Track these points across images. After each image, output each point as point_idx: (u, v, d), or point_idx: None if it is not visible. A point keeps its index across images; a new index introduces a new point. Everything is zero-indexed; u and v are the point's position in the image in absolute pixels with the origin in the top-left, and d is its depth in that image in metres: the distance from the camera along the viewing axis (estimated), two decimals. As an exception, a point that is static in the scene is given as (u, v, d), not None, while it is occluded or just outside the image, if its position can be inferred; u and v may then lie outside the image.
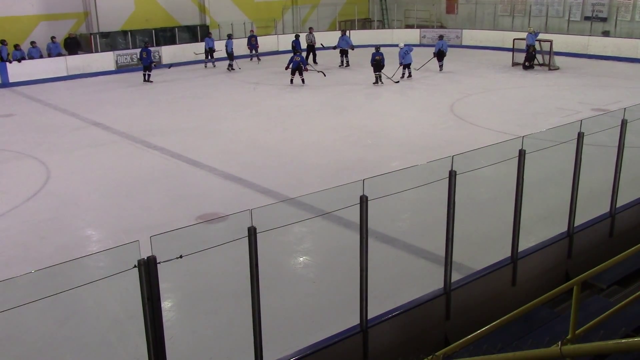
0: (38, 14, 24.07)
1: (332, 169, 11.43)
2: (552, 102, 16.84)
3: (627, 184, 8.10)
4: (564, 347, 3.19)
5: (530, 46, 22.18)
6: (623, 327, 5.19)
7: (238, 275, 5.70)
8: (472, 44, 27.78)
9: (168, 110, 17.20)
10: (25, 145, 13.70)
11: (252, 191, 10.43)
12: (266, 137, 14.02)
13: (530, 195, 6.80)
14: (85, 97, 19.21)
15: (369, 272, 5.35)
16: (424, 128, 14.64)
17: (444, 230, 5.96)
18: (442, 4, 31.73)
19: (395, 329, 5.76)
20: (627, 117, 7.49)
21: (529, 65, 22.31)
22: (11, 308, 3.55)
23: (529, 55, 22.25)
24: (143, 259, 4.04)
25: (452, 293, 6.08)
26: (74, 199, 10.34)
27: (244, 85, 20.66)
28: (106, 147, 13.44)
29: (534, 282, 6.85)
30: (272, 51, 27.42)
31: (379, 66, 19.55)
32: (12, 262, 8.00)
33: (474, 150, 6.69)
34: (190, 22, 27.79)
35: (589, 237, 7.62)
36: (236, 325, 6.24)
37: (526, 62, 22.35)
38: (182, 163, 12.20)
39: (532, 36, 22.10)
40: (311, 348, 5.27)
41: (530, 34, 22.23)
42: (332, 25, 32.12)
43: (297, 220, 6.73)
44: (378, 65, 19.53)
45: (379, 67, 19.57)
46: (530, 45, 22.14)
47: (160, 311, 4.27)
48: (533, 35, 22.11)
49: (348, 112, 16.37)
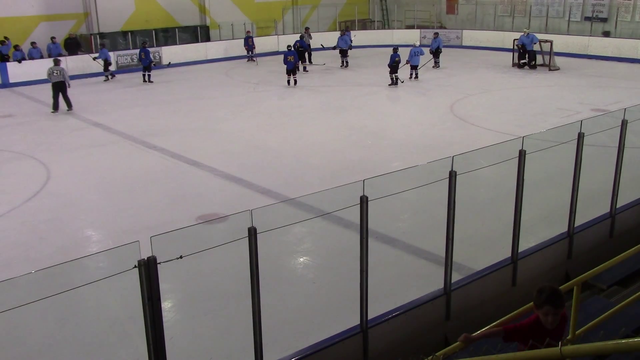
0: (38, 15, 24.10)
1: (332, 169, 11.43)
2: (552, 102, 16.84)
3: (627, 184, 8.10)
4: (564, 347, 3.19)
5: (520, 46, 22.21)
6: (623, 327, 5.18)
7: (238, 275, 5.71)
8: (472, 44, 27.79)
9: (168, 110, 17.21)
10: (25, 145, 13.70)
11: (252, 191, 10.43)
12: (266, 138, 14.02)
13: (530, 196, 6.80)
14: (85, 97, 19.21)
15: (369, 273, 5.34)
16: (424, 128, 14.64)
17: (444, 231, 5.96)
18: (442, 5, 31.74)
19: (395, 329, 5.76)
20: (627, 118, 7.49)
21: (524, 64, 22.27)
22: (11, 308, 3.55)
23: (520, 54, 22.25)
24: (143, 260, 4.04)
25: (452, 293, 6.07)
26: (73, 199, 10.34)
27: (244, 86, 20.66)
28: (106, 147, 13.44)
29: (534, 283, 6.83)
30: (272, 51, 27.42)
31: (397, 68, 19.50)
32: (12, 263, 7.99)
33: (474, 150, 6.69)
34: (190, 23, 27.81)
35: (589, 237, 7.62)
36: (236, 325, 6.24)
37: (520, 61, 22.33)
38: (182, 163, 12.20)
39: (526, 38, 22.08)
40: (311, 348, 5.27)
41: (524, 36, 22.21)
42: (332, 25, 32.13)
43: (297, 221, 6.74)
44: (397, 67, 19.47)
45: (397, 68, 19.51)
46: (520, 45, 22.14)
47: (160, 311, 4.27)
48: (526, 37, 22.09)
49: (348, 113, 16.37)
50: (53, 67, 17.05)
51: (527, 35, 22.26)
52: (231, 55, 26.43)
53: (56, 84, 17.00)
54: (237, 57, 26.33)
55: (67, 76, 17.24)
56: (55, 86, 17.00)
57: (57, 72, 16.97)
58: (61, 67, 17.34)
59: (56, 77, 16.95)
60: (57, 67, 17.08)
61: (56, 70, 16.99)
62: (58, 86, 16.99)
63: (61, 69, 17.16)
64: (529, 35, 22.30)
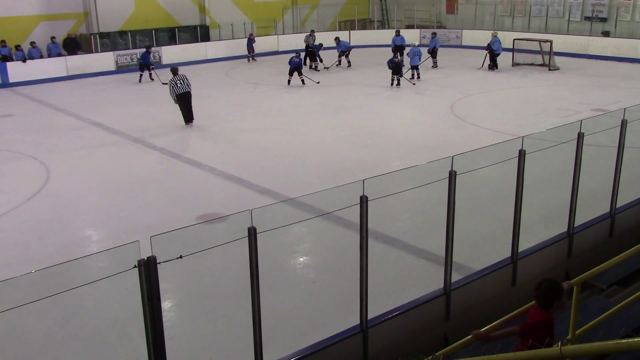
0: (38, 14, 24.09)
1: (332, 169, 11.43)
2: (552, 102, 16.84)
3: (627, 184, 8.11)
4: (564, 347, 3.19)
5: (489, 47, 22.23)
6: (623, 327, 5.19)
7: (238, 275, 5.71)
8: (472, 44, 27.77)
9: (168, 110, 17.18)
10: (25, 145, 13.70)
11: (252, 191, 10.43)
12: (266, 137, 14.02)
13: (530, 196, 6.80)
14: (85, 97, 19.22)
15: (369, 272, 5.35)
16: (424, 128, 14.64)
17: (444, 231, 5.96)
18: (442, 4, 31.73)
19: (395, 329, 5.76)
20: (627, 118, 7.50)
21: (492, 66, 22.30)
22: (11, 308, 3.55)
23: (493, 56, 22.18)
24: (143, 259, 4.04)
25: (452, 293, 6.08)
26: (73, 199, 10.34)
27: (244, 86, 20.66)
28: (106, 147, 13.44)
29: (534, 283, 6.84)
30: (272, 51, 27.43)
31: (400, 69, 19.46)
32: (12, 262, 7.99)
33: (474, 150, 6.69)
34: (190, 23, 27.81)
35: (589, 237, 7.62)
36: (236, 325, 6.24)
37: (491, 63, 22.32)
38: (182, 163, 12.20)
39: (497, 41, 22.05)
40: (311, 348, 5.27)
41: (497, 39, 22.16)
42: (332, 25, 32.13)
43: (297, 221, 6.74)
44: (399, 68, 19.43)
45: (399, 70, 19.47)
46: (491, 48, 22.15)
47: (160, 311, 4.27)
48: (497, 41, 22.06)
49: (348, 112, 16.37)
50: (174, 78, 14.70)
51: (495, 37, 22.28)
52: (231, 55, 26.43)
53: (182, 95, 14.65)
54: (237, 57, 26.33)
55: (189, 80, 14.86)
56: (182, 98, 14.67)
57: (180, 81, 14.63)
58: (181, 74, 14.95)
59: (181, 88, 14.60)
60: (179, 77, 14.74)
61: (179, 80, 14.64)
62: (184, 97, 14.71)
63: (182, 76, 14.80)
64: (496, 37, 22.29)
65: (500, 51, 22.21)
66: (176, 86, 14.53)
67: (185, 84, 14.62)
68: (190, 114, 14.93)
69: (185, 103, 14.77)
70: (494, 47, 22.09)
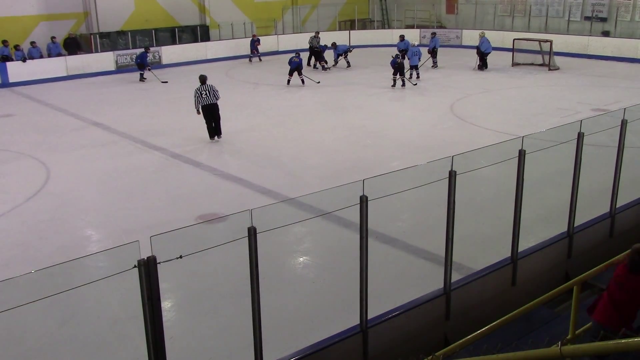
0: (38, 14, 24.09)
1: (332, 169, 11.44)
2: (552, 102, 16.84)
3: (627, 184, 8.11)
4: (564, 347, 3.19)
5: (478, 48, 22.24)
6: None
7: (238, 275, 5.71)
8: (472, 44, 27.71)
9: (168, 110, 17.21)
10: (25, 145, 13.70)
11: (252, 191, 10.43)
12: (266, 137, 14.02)
13: (530, 195, 6.81)
14: (85, 97, 19.21)
15: (369, 272, 5.35)
16: (424, 128, 14.64)
17: (444, 230, 5.97)
18: (442, 4, 31.73)
19: (395, 329, 5.76)
20: (627, 117, 7.50)
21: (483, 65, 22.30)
22: (11, 308, 3.55)
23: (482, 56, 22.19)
24: (143, 259, 4.05)
25: (452, 293, 6.08)
26: (74, 199, 10.34)
27: (244, 85, 20.66)
28: (106, 147, 13.44)
29: (534, 282, 6.85)
30: (272, 51, 27.42)
31: (402, 70, 19.45)
32: (12, 262, 8.00)
33: (474, 150, 6.70)
34: (190, 22, 27.80)
35: (588, 237, 7.63)
36: (236, 325, 6.23)
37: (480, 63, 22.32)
38: (182, 163, 12.20)
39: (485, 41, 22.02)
40: (311, 348, 5.27)
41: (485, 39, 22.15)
42: (332, 25, 32.13)
43: (297, 221, 6.74)
44: (401, 69, 19.43)
45: (401, 70, 19.45)
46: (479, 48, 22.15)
47: (160, 311, 4.27)
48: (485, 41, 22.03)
49: (348, 112, 16.36)
50: (200, 88, 13.31)
51: (483, 37, 22.29)
52: (231, 55, 26.42)
53: (207, 107, 13.25)
54: (237, 57, 26.32)
55: (216, 91, 13.38)
56: (207, 110, 13.30)
57: (206, 92, 13.23)
58: (209, 84, 13.44)
59: (206, 99, 13.20)
60: (205, 86, 13.34)
61: (204, 91, 13.23)
62: (209, 109, 13.30)
63: (210, 86, 13.34)
64: (484, 37, 22.30)
65: (490, 50, 22.21)
66: (201, 97, 13.23)
67: (212, 96, 13.24)
68: (217, 128, 13.55)
69: (210, 116, 13.41)
70: (482, 48, 22.11)
